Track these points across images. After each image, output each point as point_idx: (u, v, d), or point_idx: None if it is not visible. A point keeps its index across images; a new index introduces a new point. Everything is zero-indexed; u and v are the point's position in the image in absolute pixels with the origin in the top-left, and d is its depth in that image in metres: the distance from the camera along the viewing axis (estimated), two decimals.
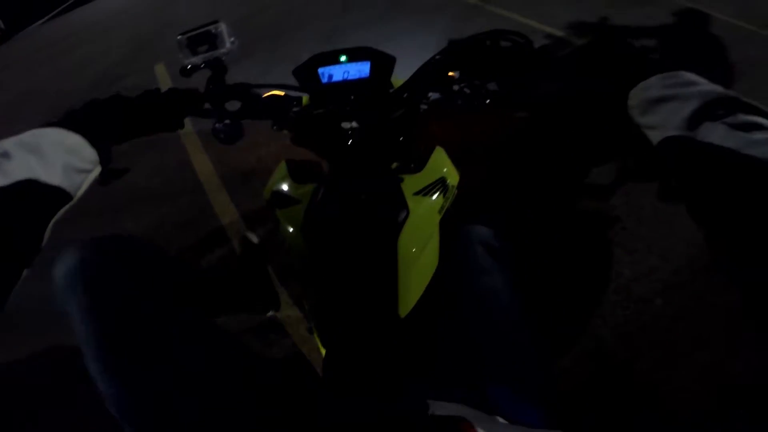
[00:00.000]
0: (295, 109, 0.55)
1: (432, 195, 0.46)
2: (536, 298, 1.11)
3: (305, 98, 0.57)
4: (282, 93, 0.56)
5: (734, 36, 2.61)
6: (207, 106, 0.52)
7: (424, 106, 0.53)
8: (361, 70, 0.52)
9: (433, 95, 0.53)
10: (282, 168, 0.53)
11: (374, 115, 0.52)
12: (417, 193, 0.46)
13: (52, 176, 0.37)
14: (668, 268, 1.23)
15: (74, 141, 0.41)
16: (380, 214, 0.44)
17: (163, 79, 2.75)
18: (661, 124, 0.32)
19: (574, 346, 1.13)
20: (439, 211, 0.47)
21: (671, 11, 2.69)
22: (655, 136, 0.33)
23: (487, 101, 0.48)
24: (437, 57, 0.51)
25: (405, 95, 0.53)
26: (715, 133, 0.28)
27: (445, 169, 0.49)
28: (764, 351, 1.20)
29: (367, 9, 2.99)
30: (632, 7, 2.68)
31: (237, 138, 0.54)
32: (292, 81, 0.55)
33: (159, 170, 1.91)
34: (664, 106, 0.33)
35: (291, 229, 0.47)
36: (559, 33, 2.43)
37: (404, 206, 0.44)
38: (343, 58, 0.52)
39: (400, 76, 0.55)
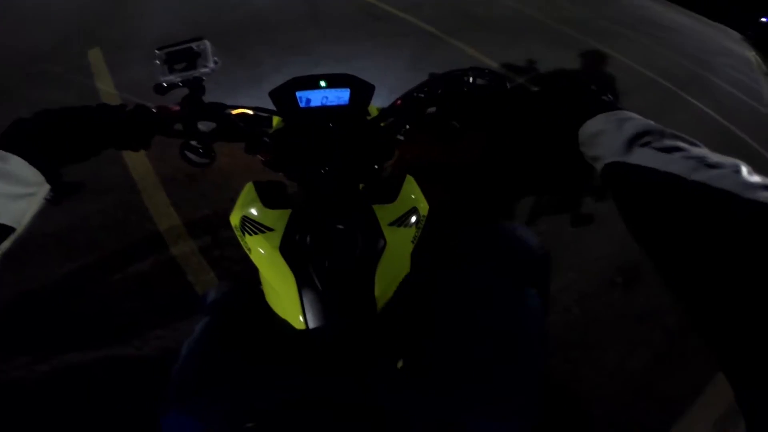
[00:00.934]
0: (269, 132, 0.53)
1: (405, 225, 0.47)
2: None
3: (276, 119, 0.56)
4: (251, 112, 0.54)
5: (637, 81, 3.18)
6: (177, 126, 0.50)
7: (400, 137, 0.54)
8: (340, 96, 0.52)
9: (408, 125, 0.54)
10: (250, 190, 0.51)
11: (352, 142, 0.51)
12: (392, 224, 0.46)
13: None
14: (583, 280, 1.44)
15: (12, 164, 0.36)
16: (359, 244, 0.45)
17: (97, 66, 2.47)
18: (602, 155, 0.37)
19: None
20: (412, 241, 0.48)
21: (585, 51, 3.18)
22: (598, 166, 0.38)
23: (459, 136, 0.51)
24: (417, 93, 0.52)
25: (382, 124, 0.54)
26: (643, 156, 0.33)
27: (416, 200, 0.50)
28: (656, 349, 1.44)
29: (334, 26, 3.03)
30: (562, 50, 3.13)
31: (208, 161, 0.51)
32: (250, 91, 0.54)
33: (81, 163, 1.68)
34: (603, 137, 0.38)
35: (265, 252, 0.45)
36: (502, 71, 2.72)
37: (381, 237, 0.45)
38: (322, 84, 0.52)
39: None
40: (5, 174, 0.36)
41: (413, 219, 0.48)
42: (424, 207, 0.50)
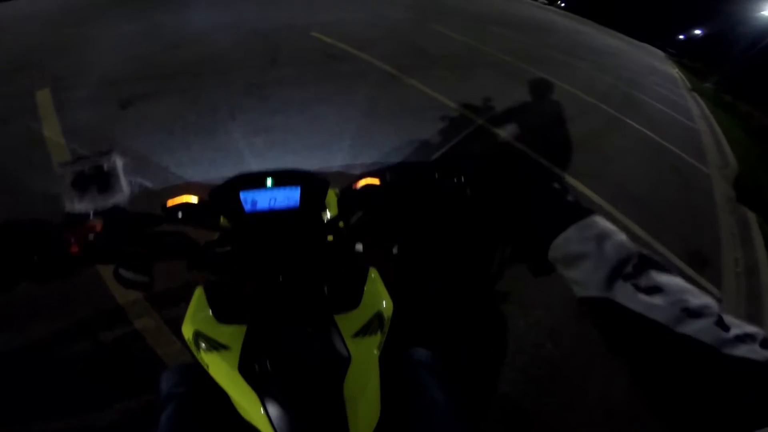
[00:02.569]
0: (216, 250, 0.49)
1: (370, 334, 0.45)
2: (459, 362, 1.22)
3: (223, 218, 0.52)
4: (192, 200, 0.49)
5: (579, 107, 3.44)
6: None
7: (358, 245, 0.50)
8: (289, 197, 0.48)
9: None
10: (200, 297, 0.47)
11: (306, 251, 0.48)
12: (356, 335, 0.45)
13: None
14: (551, 316, 1.50)
15: None
16: (323, 360, 0.43)
17: (45, 109, 2.29)
18: (583, 281, 0.38)
19: (495, 389, 1.25)
20: (378, 348, 0.46)
21: (531, 81, 3.43)
22: (578, 291, 0.39)
23: (421, 240, 0.52)
24: (383, 208, 0.51)
25: (341, 225, 0.50)
26: (626, 295, 0.35)
27: (380, 301, 0.48)
28: (635, 376, 1.44)
29: (292, 67, 3.07)
30: (511, 82, 3.39)
31: (147, 282, 0.45)
32: (204, 140, 0.49)
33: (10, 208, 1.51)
34: (584, 262, 0.38)
35: (224, 372, 0.43)
36: (459, 110, 2.83)
37: (345, 351, 0.43)
38: (269, 182, 0.48)
39: (317, 137, 0.53)
40: None
41: (378, 325, 0.46)
42: (388, 307, 0.48)
